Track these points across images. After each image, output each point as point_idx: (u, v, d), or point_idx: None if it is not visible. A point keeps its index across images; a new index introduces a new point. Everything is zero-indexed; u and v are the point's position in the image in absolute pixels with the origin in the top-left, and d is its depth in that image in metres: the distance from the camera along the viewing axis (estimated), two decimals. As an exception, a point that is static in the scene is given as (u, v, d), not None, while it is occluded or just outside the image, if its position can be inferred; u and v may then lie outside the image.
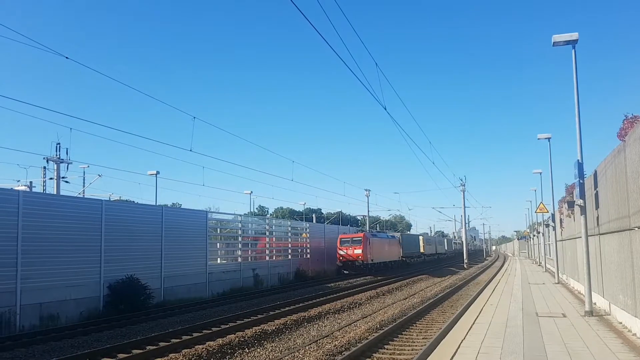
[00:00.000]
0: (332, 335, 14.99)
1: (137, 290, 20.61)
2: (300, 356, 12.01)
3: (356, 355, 11.62)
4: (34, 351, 12.71)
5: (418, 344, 13.34)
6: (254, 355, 12.51)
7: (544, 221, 40.23)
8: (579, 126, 15.22)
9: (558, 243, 29.48)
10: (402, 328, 15.77)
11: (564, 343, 10.15)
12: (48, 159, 32.72)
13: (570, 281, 24.71)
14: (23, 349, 12.98)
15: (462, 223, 68.94)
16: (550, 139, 28.20)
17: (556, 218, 29.31)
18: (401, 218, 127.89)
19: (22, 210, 16.75)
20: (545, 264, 40.87)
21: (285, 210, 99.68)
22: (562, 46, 15.37)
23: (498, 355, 9.12)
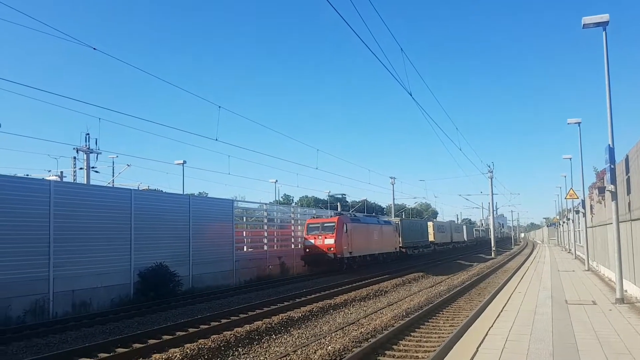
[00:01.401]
0: (357, 322, 15.04)
1: (166, 278, 20.93)
2: (327, 342, 12.07)
3: (382, 342, 11.64)
4: (67, 337, 13.02)
5: (445, 331, 13.31)
6: (280, 342, 12.62)
7: (573, 208, 39.56)
8: (610, 110, 14.87)
9: (588, 230, 28.98)
10: (429, 315, 15.73)
11: (594, 331, 10.00)
12: (78, 149, 33.31)
13: (601, 268, 24.29)
14: (57, 335, 13.31)
15: (490, 210, 68.17)
16: (580, 124, 27.61)
17: (586, 204, 28.79)
18: (427, 206, 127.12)
19: (53, 199, 17.12)
20: (575, 251, 40.23)
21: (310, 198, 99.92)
22: (592, 28, 14.98)
23: (527, 342, 9.04)
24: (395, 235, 43.18)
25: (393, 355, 10.85)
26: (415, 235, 51.13)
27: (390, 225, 42.90)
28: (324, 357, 10.44)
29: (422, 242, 53.49)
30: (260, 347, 12.14)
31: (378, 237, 37.86)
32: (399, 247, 44.30)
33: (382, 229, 39.60)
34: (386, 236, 40.17)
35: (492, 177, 59.95)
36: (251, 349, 11.98)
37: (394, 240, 42.72)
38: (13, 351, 11.50)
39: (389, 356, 10.77)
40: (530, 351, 8.35)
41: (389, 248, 40.99)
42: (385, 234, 40.16)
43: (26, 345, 12.02)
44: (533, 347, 8.62)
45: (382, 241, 39.11)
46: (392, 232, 42.28)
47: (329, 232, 30.70)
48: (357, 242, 33.03)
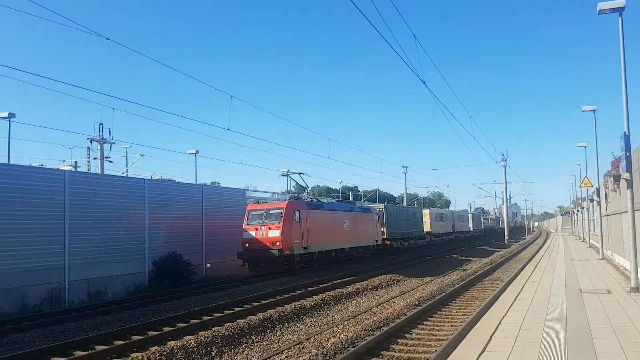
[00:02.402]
0: (370, 311, 15.09)
1: (180, 266, 21.13)
2: (339, 331, 12.14)
3: (395, 331, 11.67)
4: (83, 324, 13.19)
5: (458, 320, 13.31)
6: (293, 330, 12.71)
7: (588, 196, 39.22)
8: (626, 97, 14.67)
9: (603, 218, 28.73)
10: (441, 305, 15.73)
11: (608, 319, 9.94)
12: (92, 139, 33.55)
13: (615, 257, 24.10)
14: (73, 322, 13.48)
15: (504, 199, 67.86)
16: (595, 111, 27.30)
17: (601, 192, 28.52)
18: (440, 195, 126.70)
19: (68, 189, 17.31)
20: (590, 239, 39.95)
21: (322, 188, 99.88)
22: (607, 14, 14.76)
23: (540, 331, 9.01)
24: (375, 225, 34.87)
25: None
26: (405, 224, 43.28)
27: (370, 213, 34.58)
28: (336, 344, 10.49)
29: (414, 232, 45.57)
30: (274, 335, 12.24)
31: (350, 228, 30.09)
32: (381, 239, 36.41)
33: (357, 217, 31.42)
34: (363, 226, 32.37)
35: (506, 166, 59.69)
36: (264, 336, 12.08)
37: (374, 231, 34.47)
38: (30, 339, 11.68)
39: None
40: (544, 339, 8.32)
41: (367, 240, 33.22)
42: (362, 224, 32.24)
43: (43, 333, 12.19)
44: (547, 336, 8.59)
45: (357, 232, 31.21)
46: (371, 222, 34.11)
47: (275, 221, 23.49)
48: (316, 234, 25.63)
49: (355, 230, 30.92)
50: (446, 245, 53.12)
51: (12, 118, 28.58)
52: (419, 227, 47.10)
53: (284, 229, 23.11)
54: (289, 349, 10.48)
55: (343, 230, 29.04)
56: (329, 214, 27.95)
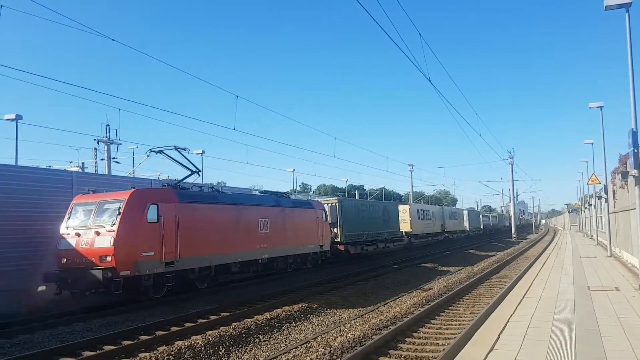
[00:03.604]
0: (377, 310, 15.09)
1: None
2: (347, 330, 12.14)
3: (402, 330, 11.65)
4: (91, 325, 13.18)
5: (465, 319, 13.28)
6: (300, 329, 12.72)
7: (595, 193, 39.03)
8: (633, 93, 14.57)
9: (611, 215, 28.57)
10: (449, 303, 15.70)
11: (617, 317, 9.88)
12: (99, 140, 33.71)
13: (624, 254, 23.97)
14: (80, 323, 13.47)
15: (511, 197, 67.66)
16: (602, 108, 27.15)
17: (609, 189, 28.36)
18: (446, 193, 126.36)
19: (75, 190, 17.36)
20: (597, 237, 39.75)
21: (328, 187, 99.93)
22: (614, 10, 14.68)
23: (549, 329, 8.97)
24: (320, 226, 26.02)
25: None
26: (371, 223, 34.11)
27: (311, 209, 25.91)
28: (343, 343, 10.48)
29: (386, 233, 36.74)
30: (281, 334, 12.25)
31: (272, 229, 21.55)
32: (328, 243, 27.06)
33: (286, 214, 22.99)
34: (298, 227, 23.81)
35: (513, 163, 59.52)
36: (272, 335, 12.09)
37: (318, 234, 25.71)
38: (38, 339, 11.70)
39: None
40: (553, 337, 8.29)
41: (305, 246, 24.46)
42: (296, 224, 23.68)
43: (51, 334, 12.23)
44: (555, 334, 8.55)
45: (286, 236, 22.75)
46: (312, 221, 25.48)
47: (108, 221, 15.04)
48: (197, 239, 17.19)
49: (283, 232, 22.40)
50: (430, 248, 44.43)
51: (19, 120, 28.69)
52: (392, 227, 38.27)
53: (120, 233, 14.67)
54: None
55: (257, 234, 20.56)
56: (224, 210, 18.96)
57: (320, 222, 26.22)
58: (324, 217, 26.86)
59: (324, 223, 26.60)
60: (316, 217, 25.94)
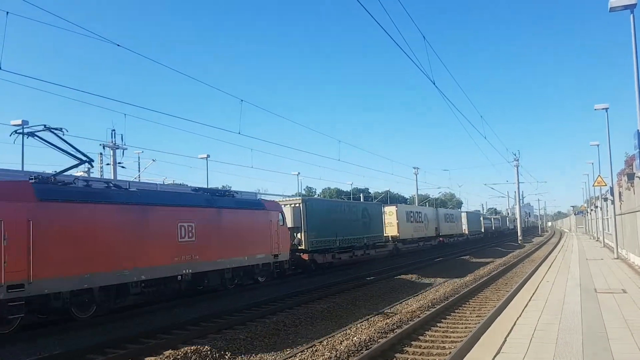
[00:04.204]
0: (383, 313, 15.06)
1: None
2: (352, 333, 12.13)
3: (409, 333, 11.64)
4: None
5: (472, 322, 13.25)
6: (305, 334, 12.72)
7: (602, 195, 38.88)
8: (639, 94, 14.55)
9: (617, 217, 28.46)
10: (455, 306, 15.67)
11: (624, 319, 9.83)
12: (104, 145, 33.82)
13: (630, 256, 23.86)
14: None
15: (516, 199, 67.49)
16: (607, 109, 27.08)
17: (615, 191, 28.26)
18: (451, 195, 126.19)
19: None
20: (604, 239, 39.59)
21: (333, 190, 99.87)
22: (619, 11, 14.67)
23: (556, 332, 8.93)
24: (276, 231, 21.90)
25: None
26: (345, 227, 29.67)
27: (261, 210, 21.58)
28: (349, 347, 10.46)
29: (366, 239, 32.06)
30: (287, 338, 12.25)
31: (198, 238, 17.32)
32: (286, 252, 22.92)
33: (223, 217, 18.79)
34: (239, 234, 19.47)
35: (518, 166, 59.37)
36: (278, 339, 12.10)
37: (270, 241, 21.46)
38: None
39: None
40: (560, 340, 8.25)
41: (250, 257, 20.14)
42: (238, 229, 19.46)
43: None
44: (562, 337, 8.52)
45: (219, 245, 18.40)
46: (265, 225, 21.22)
47: None
48: (69, 253, 13.21)
49: (218, 240, 18.30)
50: (419, 255, 39.91)
51: (25, 125, 28.84)
52: (374, 231, 33.71)
53: None
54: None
55: (176, 243, 16.41)
56: (119, 211, 14.66)
57: (275, 226, 21.88)
58: (281, 221, 22.51)
59: (280, 227, 22.24)
60: (269, 220, 21.54)
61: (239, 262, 19.53)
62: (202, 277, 17.76)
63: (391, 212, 38.51)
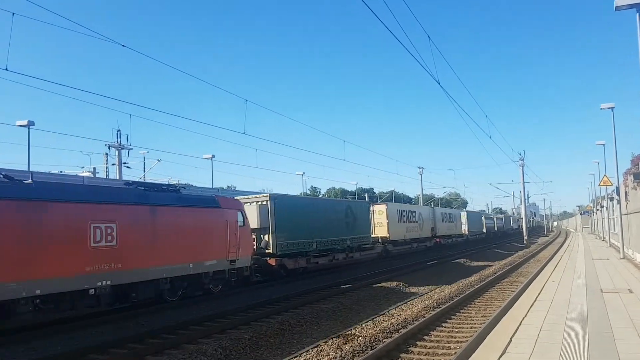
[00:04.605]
0: (388, 313, 15.04)
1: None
2: (357, 333, 12.10)
3: (414, 333, 11.61)
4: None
5: (477, 322, 13.20)
6: (311, 333, 12.71)
7: (607, 195, 38.74)
8: (645, 94, 14.46)
9: (623, 217, 28.33)
10: (460, 306, 15.61)
11: (630, 319, 9.77)
12: (110, 145, 33.91)
13: (637, 256, 23.74)
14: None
15: (522, 199, 67.25)
16: (613, 109, 26.97)
17: (621, 191, 28.14)
18: (457, 195, 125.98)
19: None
20: (610, 239, 39.42)
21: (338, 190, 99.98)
22: (625, 10, 14.59)
23: (561, 332, 8.89)
24: (231, 232, 18.73)
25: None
26: (324, 228, 26.56)
27: (214, 208, 18.52)
28: (354, 347, 10.44)
29: (348, 240, 28.79)
30: (292, 337, 12.24)
31: (121, 241, 14.40)
32: (247, 257, 19.78)
33: (157, 216, 15.84)
34: (183, 236, 16.58)
35: (524, 165, 59.10)
36: (283, 339, 12.09)
37: (224, 244, 18.44)
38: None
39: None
40: (565, 340, 8.21)
41: (197, 264, 17.15)
42: (181, 231, 16.56)
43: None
44: (568, 337, 8.47)
45: (153, 250, 15.51)
46: (216, 226, 18.30)
47: None
48: None
49: (150, 244, 15.33)
50: (410, 257, 36.83)
51: (31, 126, 28.96)
52: (360, 232, 30.59)
53: None
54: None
55: (87, 249, 13.49)
56: (3, 208, 11.99)
57: (233, 227, 18.77)
58: (241, 221, 19.44)
59: (240, 229, 19.17)
60: (225, 220, 18.51)
61: (181, 270, 16.42)
62: (127, 289, 14.71)
63: (381, 211, 35.78)
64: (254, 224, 21.40)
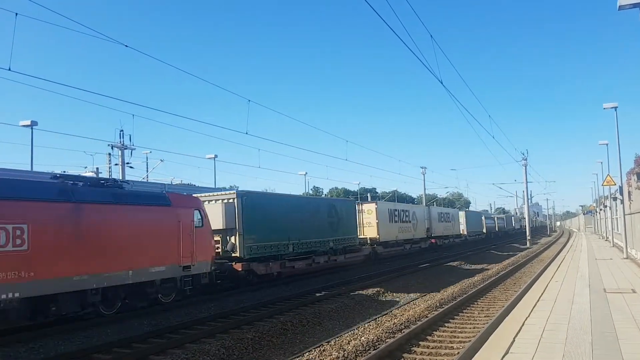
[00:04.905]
0: (390, 313, 15.03)
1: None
2: (360, 333, 12.10)
3: (417, 333, 11.60)
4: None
5: (480, 322, 13.19)
6: (313, 333, 12.72)
7: (611, 194, 38.65)
8: (649, 93, 14.41)
9: (626, 216, 28.27)
10: (463, 306, 15.60)
11: (634, 319, 9.75)
12: (113, 145, 33.93)
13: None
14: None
15: (525, 199, 67.13)
16: (616, 108, 26.90)
17: (624, 191, 28.08)
18: (459, 195, 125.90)
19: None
20: (613, 239, 39.34)
21: (340, 190, 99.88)
22: (628, 9, 14.53)
23: (565, 331, 8.87)
24: (185, 234, 16.44)
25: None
26: (303, 228, 24.28)
27: (163, 207, 16.21)
28: (357, 347, 10.44)
29: (331, 242, 26.66)
30: (294, 338, 12.25)
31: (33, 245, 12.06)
32: (205, 262, 17.37)
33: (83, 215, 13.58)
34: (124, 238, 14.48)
35: (527, 165, 58.96)
36: (285, 339, 12.10)
37: (176, 247, 16.13)
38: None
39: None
40: (569, 341, 8.19)
41: (140, 271, 14.86)
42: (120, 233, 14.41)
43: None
44: (571, 337, 8.46)
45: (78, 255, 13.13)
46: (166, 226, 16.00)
47: None
48: None
49: (75, 248, 13.07)
50: (401, 260, 34.85)
51: (34, 126, 29.03)
52: (346, 232, 28.53)
53: None
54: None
55: None
56: None
57: (188, 228, 16.40)
58: (198, 221, 17.06)
59: (195, 230, 16.71)
60: (177, 221, 15.99)
61: (116, 278, 14.03)
62: (44, 302, 12.48)
63: (370, 211, 33.30)
64: (218, 224, 19.50)
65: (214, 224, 18.54)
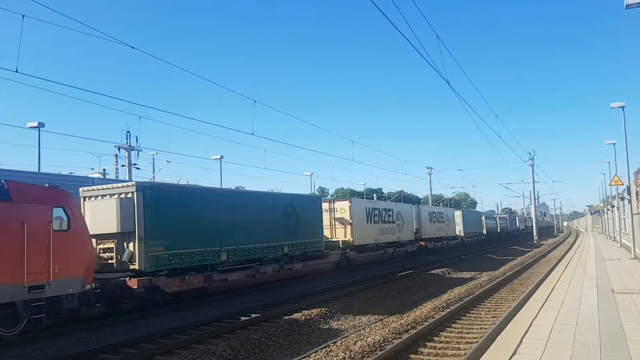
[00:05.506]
0: (397, 314, 14.98)
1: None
2: (366, 334, 12.09)
3: (423, 334, 11.57)
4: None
5: (487, 322, 13.14)
6: (319, 334, 12.70)
7: (618, 194, 38.44)
8: (657, 92, 14.33)
9: (634, 217, 28.10)
10: (470, 307, 15.55)
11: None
12: (119, 146, 34.13)
13: (649, 256, 23.55)
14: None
15: (532, 199, 66.97)
16: (624, 108, 26.79)
17: (632, 190, 27.91)
18: (465, 195, 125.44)
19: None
20: (621, 239, 39.12)
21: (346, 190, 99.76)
22: (635, 8, 14.46)
23: (572, 332, 8.82)
24: (39, 240, 11.74)
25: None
26: (240, 231, 19.50)
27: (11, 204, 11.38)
28: (364, 348, 10.43)
29: (286, 247, 22.16)
30: (300, 338, 12.25)
31: None
32: (66, 279, 12.29)
33: None
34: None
35: (533, 165, 58.82)
36: (292, 339, 12.10)
37: (18, 262, 11.22)
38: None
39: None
40: (577, 341, 8.15)
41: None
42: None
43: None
44: (579, 337, 8.41)
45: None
46: (3, 231, 11.09)
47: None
48: None
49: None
50: (378, 267, 30.00)
51: (41, 127, 29.17)
52: (307, 236, 24.14)
53: None
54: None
55: None
56: None
57: (40, 232, 11.88)
58: (62, 222, 12.61)
59: (54, 235, 12.15)
60: (19, 221, 11.47)
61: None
62: None
63: (343, 209, 28.63)
64: (112, 226, 15.12)
65: (106, 226, 14.94)
